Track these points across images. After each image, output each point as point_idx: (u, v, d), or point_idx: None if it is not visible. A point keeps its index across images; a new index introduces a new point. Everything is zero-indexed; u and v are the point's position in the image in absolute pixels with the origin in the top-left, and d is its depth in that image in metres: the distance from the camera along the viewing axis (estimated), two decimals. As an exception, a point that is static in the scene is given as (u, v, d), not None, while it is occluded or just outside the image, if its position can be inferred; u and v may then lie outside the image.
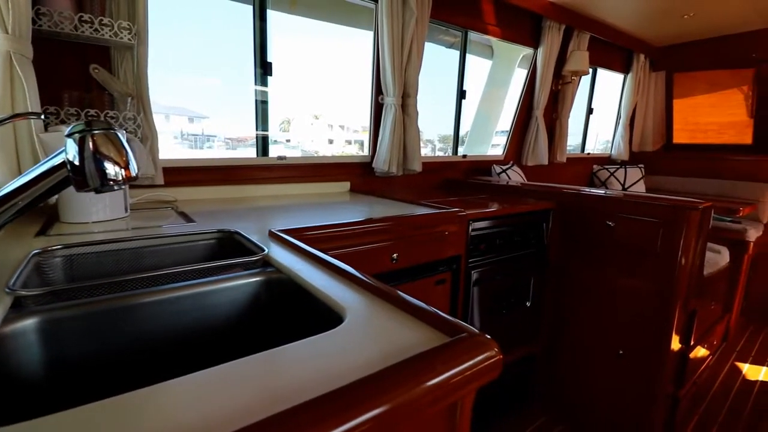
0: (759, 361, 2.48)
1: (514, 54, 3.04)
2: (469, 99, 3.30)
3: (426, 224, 1.32)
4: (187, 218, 1.18)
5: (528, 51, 2.92)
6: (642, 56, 3.59)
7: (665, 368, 1.59)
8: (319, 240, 1.07)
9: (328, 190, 1.99)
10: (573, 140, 3.92)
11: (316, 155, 2.06)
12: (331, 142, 3.75)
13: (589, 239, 1.76)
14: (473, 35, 2.70)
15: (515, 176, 2.67)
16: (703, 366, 2.05)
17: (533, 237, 1.81)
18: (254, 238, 0.91)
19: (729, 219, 2.63)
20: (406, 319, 0.50)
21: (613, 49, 3.45)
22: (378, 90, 2.07)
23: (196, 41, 2.03)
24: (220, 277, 0.71)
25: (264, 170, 1.82)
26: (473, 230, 1.52)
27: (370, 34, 2.13)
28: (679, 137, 4.01)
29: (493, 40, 2.86)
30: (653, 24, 3.17)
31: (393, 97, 2.00)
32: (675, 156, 3.77)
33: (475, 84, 3.36)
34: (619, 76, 3.69)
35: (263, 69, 1.79)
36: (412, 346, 0.43)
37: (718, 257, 1.96)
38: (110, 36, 1.31)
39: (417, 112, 2.12)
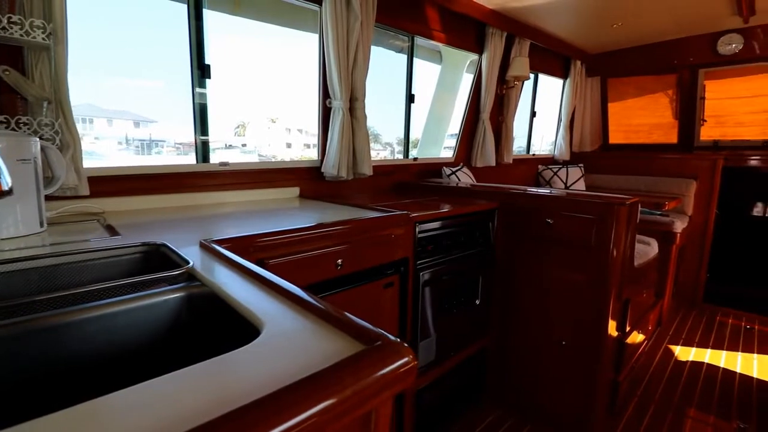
0: (689, 343, 2.71)
1: (461, 59, 3.14)
2: (422, 103, 3.37)
3: (371, 228, 1.32)
4: (113, 231, 1.10)
5: (474, 56, 3.02)
6: (578, 62, 3.83)
7: (604, 355, 1.70)
8: (258, 249, 1.04)
9: (276, 196, 1.94)
10: (521, 142, 4.11)
11: (262, 161, 2.00)
12: (289, 146, 3.66)
13: (531, 236, 1.84)
14: (422, 41, 2.76)
15: (465, 177, 2.74)
16: (640, 350, 2.20)
17: (480, 236, 1.86)
18: (183, 251, 0.86)
19: (659, 213, 2.86)
20: (325, 329, 0.49)
21: (552, 56, 3.65)
22: (325, 93, 2.05)
23: (137, 41, 1.92)
24: (134, 295, 0.66)
25: (206, 177, 1.74)
26: (420, 232, 1.54)
27: (317, 36, 2.11)
28: (615, 138, 4.31)
29: (441, 46, 2.93)
30: (587, 32, 3.40)
31: (340, 100, 1.99)
32: (611, 155, 4.05)
33: (426, 88, 3.43)
34: (559, 81, 3.91)
35: (201, 71, 1.71)
36: (326, 358, 0.42)
37: (648, 248, 2.12)
38: (21, 35, 1.20)
39: (366, 116, 2.12)
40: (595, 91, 4.18)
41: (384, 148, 3.49)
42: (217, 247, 0.85)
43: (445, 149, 3.31)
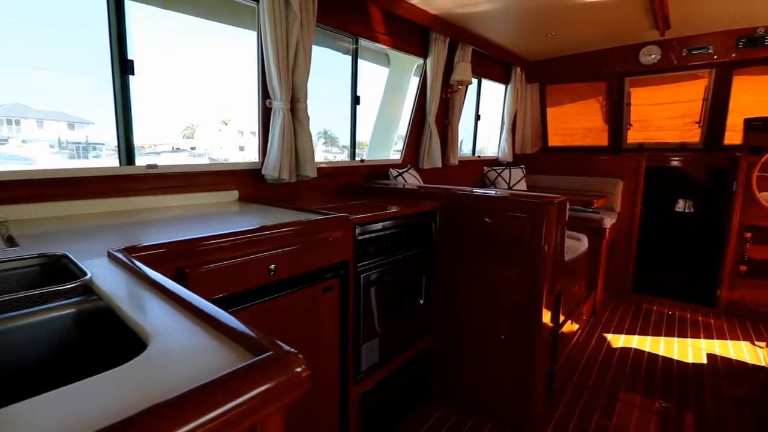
0: (619, 330, 2.92)
1: (409, 63, 3.18)
2: (373, 105, 3.38)
3: (307, 231, 1.29)
4: (12, 242, 0.99)
5: (421, 61, 3.07)
6: (518, 69, 4.03)
7: (539, 346, 1.78)
8: (176, 257, 0.97)
9: (212, 200, 1.85)
10: (469, 144, 4.25)
11: (200, 163, 1.90)
12: (242, 149, 3.50)
13: (471, 235, 1.90)
14: (369, 43, 2.76)
15: (412, 179, 2.78)
16: (575, 340, 2.34)
17: (422, 237, 1.89)
18: (87, 262, 0.79)
19: (590, 210, 3.07)
20: (218, 341, 0.46)
21: (494, 62, 3.81)
22: (265, 93, 1.99)
23: (63, 31, 1.76)
24: (17, 313, 0.59)
25: (131, 181, 1.62)
26: (361, 234, 1.53)
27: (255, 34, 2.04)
28: (553, 141, 4.58)
29: (389, 49, 2.95)
30: (525, 41, 3.57)
31: (281, 101, 1.94)
32: (550, 157, 4.29)
33: (377, 90, 3.45)
34: (502, 87, 4.09)
35: (122, 67, 1.59)
36: (208, 373, 0.39)
37: (579, 244, 2.27)
38: None
39: (308, 117, 2.08)
40: (534, 97, 4.41)
41: (341, 151, 3.46)
42: (124, 257, 0.79)
43: (396, 151, 3.34)
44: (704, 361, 2.49)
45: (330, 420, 1.48)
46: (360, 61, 3.11)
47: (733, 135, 3.43)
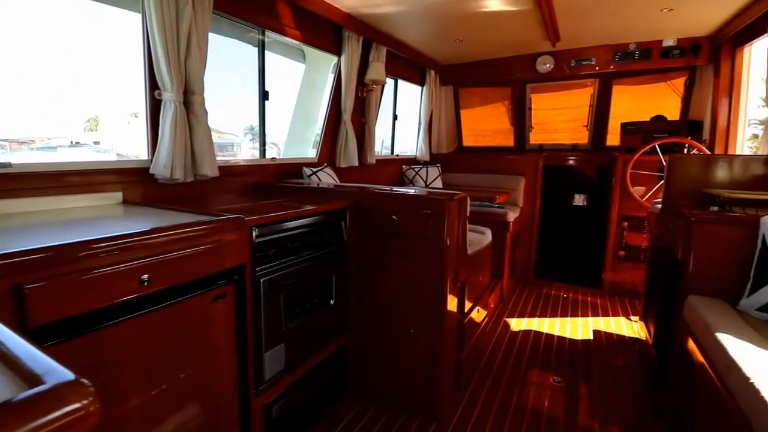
0: (522, 314, 3.18)
1: (326, 60, 3.11)
2: (290, 102, 3.26)
3: (192, 236, 1.18)
4: None
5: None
6: (433, 72, 4.18)
7: (445, 337, 1.85)
8: (14, 272, 0.82)
9: (87, 203, 1.62)
10: (388, 143, 4.31)
11: (74, 161, 1.64)
12: None
13: (380, 233, 1.91)
14: (283, 38, 2.64)
15: (327, 178, 2.73)
16: (482, 327, 2.48)
17: (332, 236, 1.86)
18: None
19: (496, 205, 3.29)
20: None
21: (409, 64, 3.91)
22: (153, 83, 1.80)
23: None
24: None
25: (-26, 182, 1.36)
26: (260, 236, 1.45)
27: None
28: (467, 141, 4.85)
29: (304, 45, 2.86)
30: (436, 45, 3.72)
31: (172, 92, 1.77)
32: (465, 156, 4.53)
33: (295, 87, 3.33)
34: (418, 88, 4.22)
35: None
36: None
37: (483, 237, 2.41)
38: None
39: (206, 112, 1.93)
40: (448, 99, 4.62)
41: (270, 148, 3.30)
42: None
43: (314, 149, 3.26)
44: (591, 337, 2.81)
45: (230, 436, 1.39)
46: (274, 56, 2.98)
47: (614, 137, 3.93)
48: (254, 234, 1.43)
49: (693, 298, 1.77)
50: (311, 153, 3.21)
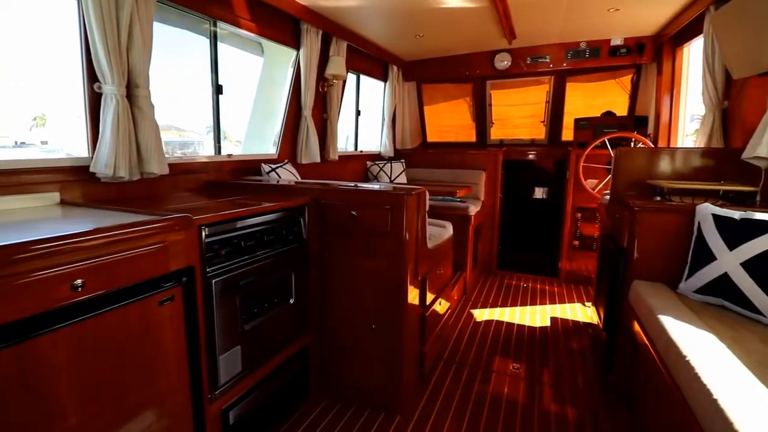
0: (485, 305, 3.26)
1: (286, 54, 3.03)
2: (248, 96, 3.15)
3: (132, 237, 1.11)
4: None
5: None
6: (395, 68, 4.18)
7: (407, 330, 1.86)
8: None
9: (16, 205, 1.49)
10: (352, 139, 4.27)
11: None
12: None
13: (340, 229, 1.89)
14: (239, 30, 2.54)
15: (288, 175, 2.67)
16: (445, 319, 2.52)
17: (290, 234, 1.81)
18: None
19: (458, 199, 3.35)
20: None
21: (372, 60, 3.89)
22: (91, 75, 1.68)
23: None
24: None
25: None
26: (210, 236, 1.40)
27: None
28: (431, 136, 4.90)
29: (261, 38, 2.77)
30: (397, 40, 3.72)
31: (113, 85, 1.66)
32: (429, 152, 4.57)
33: (252, 81, 3.22)
34: (381, 84, 4.20)
35: None
36: None
37: (444, 230, 2.44)
38: None
39: (153, 106, 1.82)
40: (412, 95, 4.64)
41: (236, 145, 3.18)
42: None
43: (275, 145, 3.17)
44: (548, 324, 2.93)
45: (184, 444, 1.33)
46: (232, 49, 2.86)
47: (569, 132, 4.09)
48: (204, 233, 1.37)
49: (637, 283, 1.88)
50: (272, 149, 3.12)
